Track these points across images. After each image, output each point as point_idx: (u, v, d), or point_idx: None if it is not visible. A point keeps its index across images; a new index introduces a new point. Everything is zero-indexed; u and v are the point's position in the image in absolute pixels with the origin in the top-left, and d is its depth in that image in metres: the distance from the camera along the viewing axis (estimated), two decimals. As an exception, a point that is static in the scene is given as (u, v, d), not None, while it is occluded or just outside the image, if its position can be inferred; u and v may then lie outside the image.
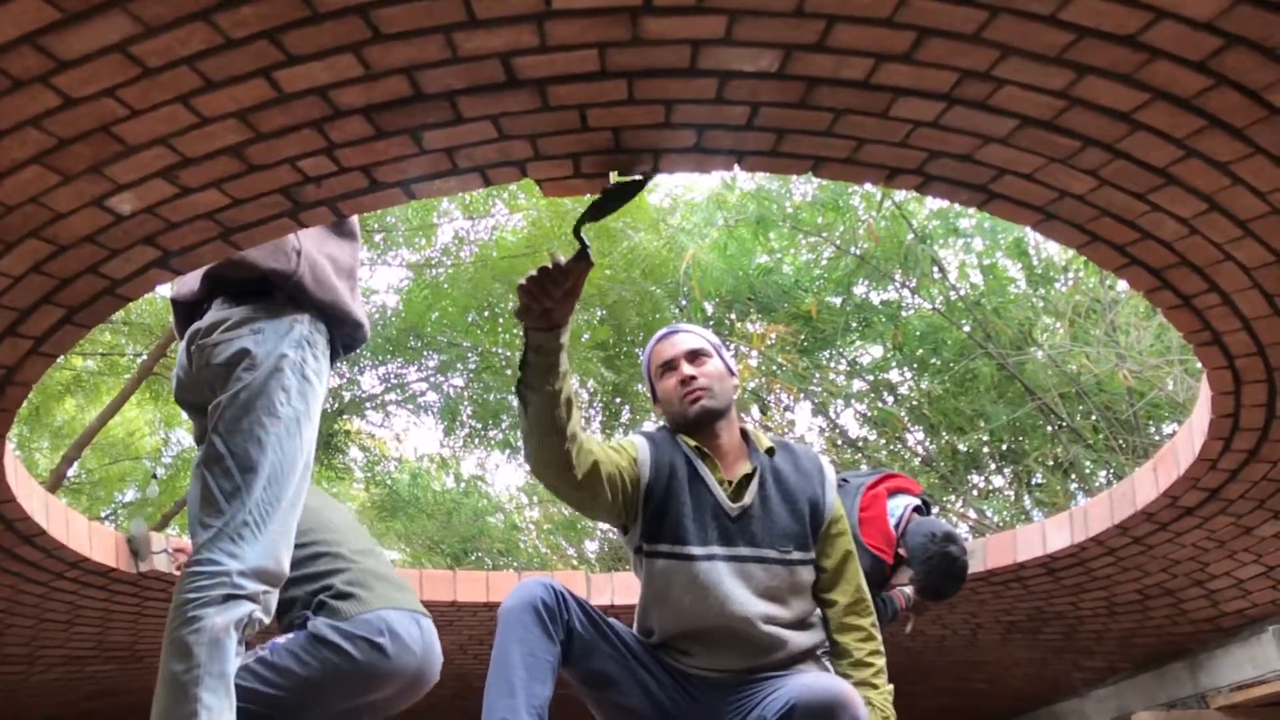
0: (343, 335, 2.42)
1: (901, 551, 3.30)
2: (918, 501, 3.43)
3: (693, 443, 2.61)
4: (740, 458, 2.64)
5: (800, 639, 2.53)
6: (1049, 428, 8.97)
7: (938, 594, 3.28)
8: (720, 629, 2.50)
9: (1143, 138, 1.91)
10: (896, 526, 3.32)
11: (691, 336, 2.72)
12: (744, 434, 2.69)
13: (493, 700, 2.29)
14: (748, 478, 2.58)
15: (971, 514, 9.46)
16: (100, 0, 1.51)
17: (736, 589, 2.49)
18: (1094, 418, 8.31)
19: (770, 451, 2.64)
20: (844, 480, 3.35)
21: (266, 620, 2.12)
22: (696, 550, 2.50)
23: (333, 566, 2.59)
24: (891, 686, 2.56)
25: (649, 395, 2.81)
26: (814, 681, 2.34)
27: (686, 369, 2.64)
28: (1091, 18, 1.64)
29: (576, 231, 2.12)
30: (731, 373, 2.71)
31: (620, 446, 2.58)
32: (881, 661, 2.57)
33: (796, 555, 2.56)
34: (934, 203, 8.56)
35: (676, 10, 1.63)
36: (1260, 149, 1.92)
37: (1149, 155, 1.96)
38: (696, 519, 2.53)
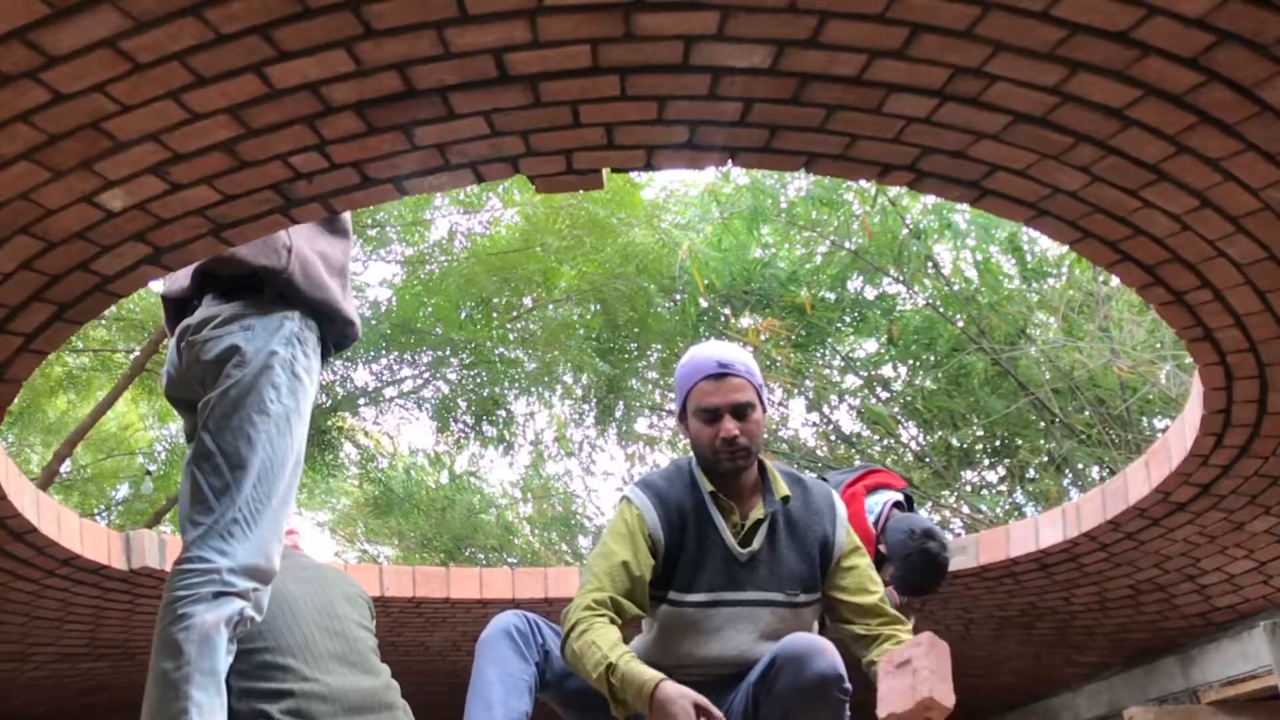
0: (334, 333, 2.41)
1: (882, 548, 3.30)
2: (898, 497, 3.43)
3: (710, 486, 2.56)
4: (755, 494, 2.59)
5: None
6: (1042, 423, 9.00)
7: (917, 590, 3.28)
8: (718, 665, 2.53)
9: (1135, 134, 1.91)
10: (876, 523, 3.32)
11: (741, 384, 2.54)
12: (762, 468, 2.63)
13: (472, 717, 2.32)
14: (759, 523, 2.55)
15: (965, 509, 9.48)
16: (89, -5, 1.51)
17: (739, 634, 2.51)
18: (1087, 413, 8.33)
19: (785, 499, 2.58)
20: (824, 478, 3.34)
21: (258, 617, 2.11)
22: (701, 597, 2.51)
23: (277, 686, 2.38)
24: None
25: (677, 414, 2.68)
26: (792, 638, 2.38)
27: (730, 427, 2.50)
28: (1083, 14, 1.64)
29: None
30: (766, 411, 2.63)
31: (635, 539, 2.50)
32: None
33: (803, 598, 2.56)
34: (928, 197, 8.57)
35: (669, 6, 1.63)
36: (1252, 145, 1.93)
37: (1141, 151, 1.96)
38: (704, 565, 2.53)
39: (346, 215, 2.52)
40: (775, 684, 2.31)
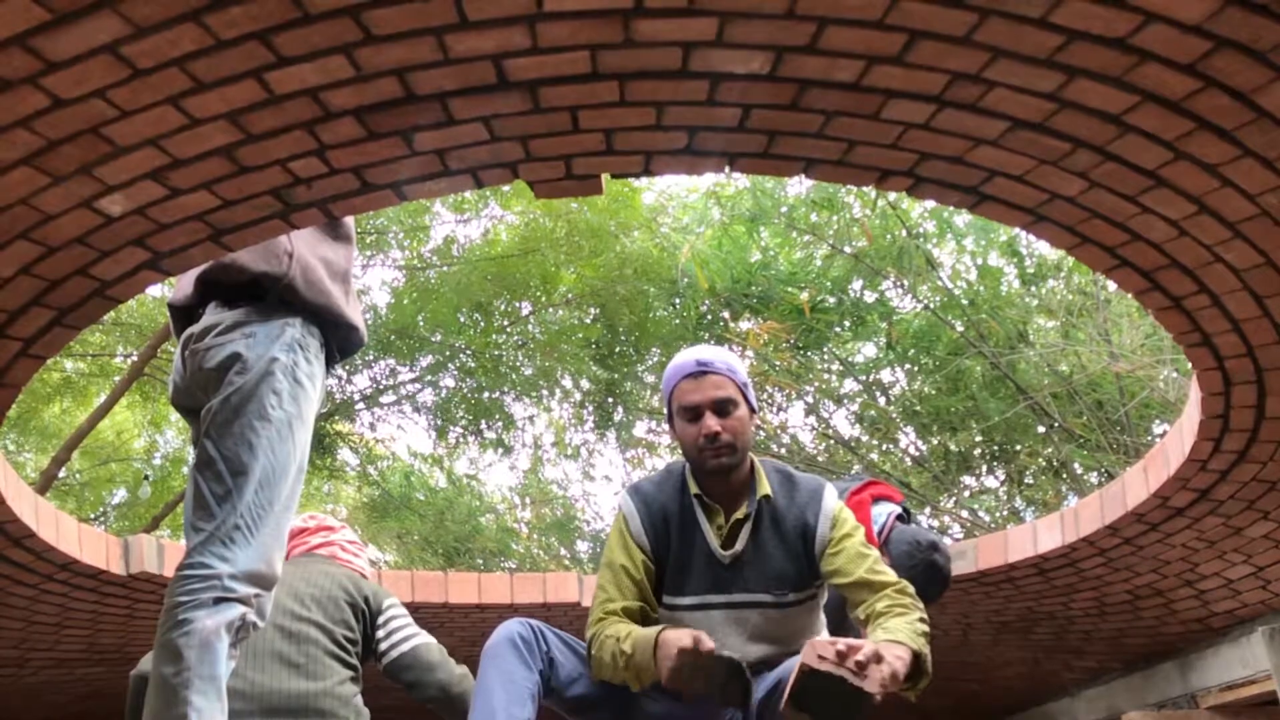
0: (338, 339, 2.41)
1: (885, 560, 3.30)
2: (899, 509, 3.43)
3: (695, 489, 2.56)
4: (743, 495, 2.58)
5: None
6: (1041, 427, 9.00)
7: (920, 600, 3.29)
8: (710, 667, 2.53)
9: (1133, 140, 1.92)
10: (880, 534, 3.33)
11: (721, 381, 2.54)
12: (751, 468, 2.62)
13: None
14: (740, 523, 2.54)
15: (964, 514, 9.48)
16: (90, 1, 1.51)
17: (729, 637, 2.50)
18: (1085, 417, 8.34)
19: (767, 498, 2.56)
20: None
21: (260, 623, 2.11)
22: (689, 600, 2.52)
23: None
24: (920, 626, 2.37)
25: (665, 419, 2.70)
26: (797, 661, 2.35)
27: (711, 423, 2.50)
28: (1081, 20, 1.64)
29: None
30: (753, 411, 2.61)
31: (627, 543, 2.54)
32: (913, 615, 2.40)
33: (792, 597, 2.54)
34: (928, 201, 8.57)
35: (668, 12, 1.63)
36: (1249, 151, 1.93)
37: (1139, 157, 1.97)
38: (690, 568, 2.53)
39: (349, 220, 2.52)
40: (779, 707, 2.30)
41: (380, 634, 2.93)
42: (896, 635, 2.26)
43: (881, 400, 10.19)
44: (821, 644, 2.12)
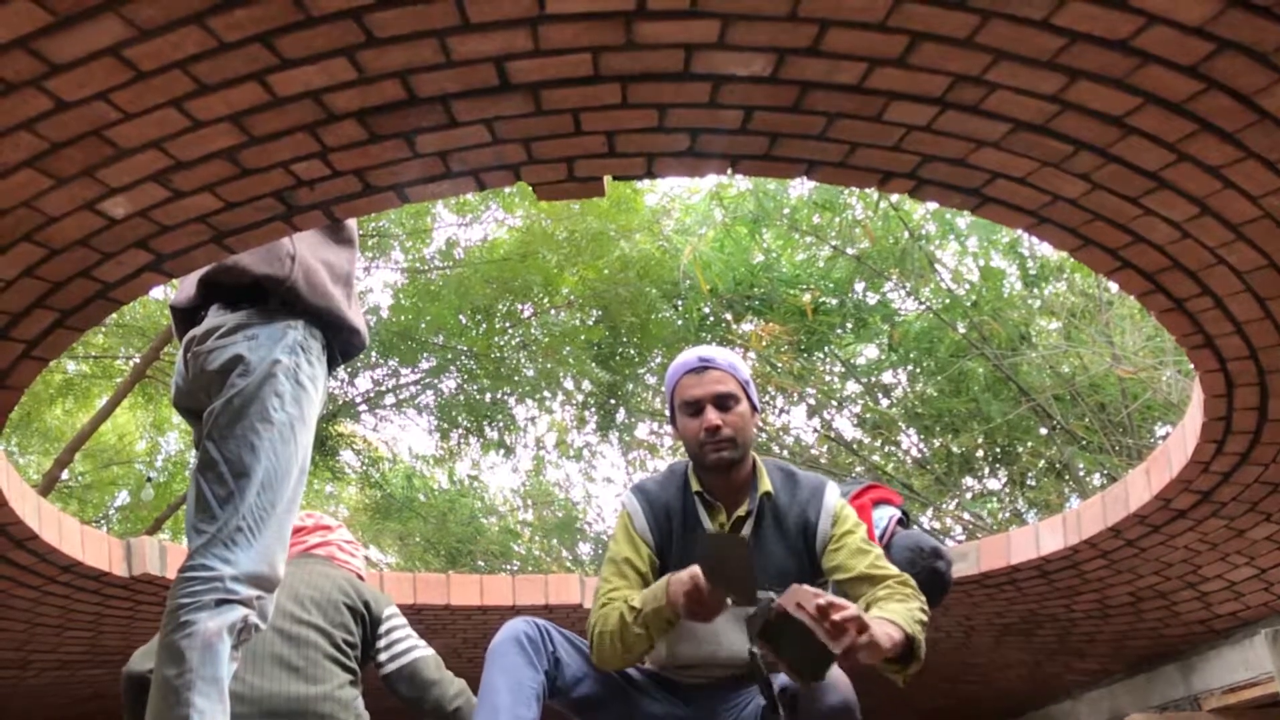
0: (339, 342, 2.41)
1: None
2: (899, 513, 3.44)
3: (696, 487, 2.58)
4: (744, 493, 2.59)
5: None
6: (1043, 429, 9.00)
7: None
8: (712, 665, 2.54)
9: (1135, 142, 1.92)
10: (881, 538, 3.33)
11: (722, 376, 2.57)
12: (753, 466, 2.63)
13: None
14: (741, 520, 2.55)
15: (966, 516, 9.47)
16: (93, 3, 1.51)
17: (731, 633, 2.50)
18: (1087, 419, 8.33)
19: (768, 495, 2.57)
20: None
21: (262, 625, 2.11)
22: None
23: None
24: (919, 616, 2.37)
25: (667, 417, 2.74)
26: None
27: (712, 417, 2.52)
28: (1084, 23, 1.64)
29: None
30: (755, 409, 2.63)
31: (632, 538, 2.56)
32: (913, 604, 2.40)
33: None
34: (930, 203, 8.55)
35: (670, 14, 1.63)
36: (1251, 153, 1.93)
37: (1141, 159, 1.97)
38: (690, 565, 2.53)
39: (352, 224, 2.53)
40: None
41: (381, 644, 2.93)
42: (892, 617, 2.26)
43: (883, 402, 10.20)
44: (805, 592, 2.09)
